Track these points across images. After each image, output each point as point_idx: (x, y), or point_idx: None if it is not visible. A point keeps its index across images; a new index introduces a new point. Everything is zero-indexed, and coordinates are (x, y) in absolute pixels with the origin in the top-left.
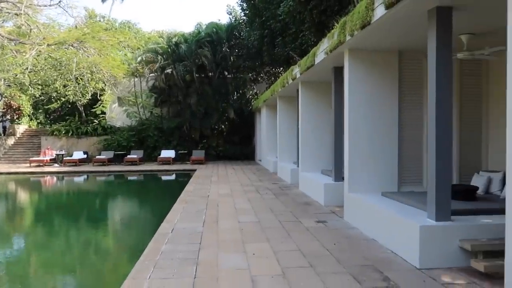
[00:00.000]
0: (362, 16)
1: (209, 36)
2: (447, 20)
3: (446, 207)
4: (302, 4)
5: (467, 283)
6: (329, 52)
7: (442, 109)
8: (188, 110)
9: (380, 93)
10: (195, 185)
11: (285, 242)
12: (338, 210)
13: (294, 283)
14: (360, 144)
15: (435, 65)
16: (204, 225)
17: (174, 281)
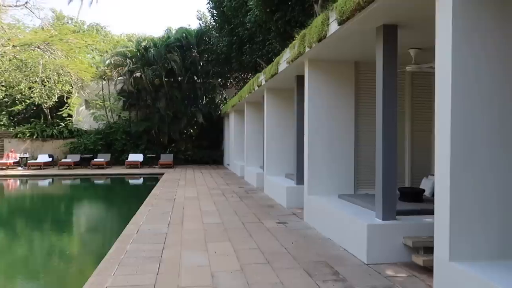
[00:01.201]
0: (319, 30)
1: (178, 41)
2: (392, 37)
3: (391, 208)
4: (267, 14)
5: (407, 276)
6: (291, 61)
7: (387, 118)
8: (156, 114)
9: (338, 101)
10: (162, 189)
11: (246, 241)
12: (299, 212)
13: (251, 277)
14: (318, 149)
15: (382, 77)
16: (169, 227)
17: (137, 277)
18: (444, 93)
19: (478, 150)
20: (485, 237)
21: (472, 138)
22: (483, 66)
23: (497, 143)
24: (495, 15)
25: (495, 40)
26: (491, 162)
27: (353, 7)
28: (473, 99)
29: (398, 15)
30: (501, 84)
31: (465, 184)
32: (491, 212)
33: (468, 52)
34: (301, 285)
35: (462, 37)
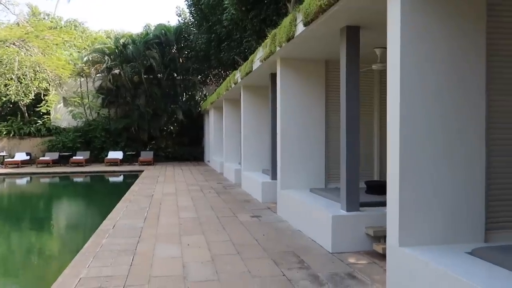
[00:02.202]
0: (287, 30)
1: (157, 37)
2: (355, 37)
3: (355, 200)
4: (243, 13)
5: (367, 263)
6: (264, 60)
7: (351, 115)
8: (136, 111)
9: (309, 98)
10: (141, 185)
11: (219, 234)
12: (273, 206)
13: (220, 267)
14: (291, 145)
15: (345, 76)
16: (145, 221)
17: (111, 268)
18: (393, 92)
19: (425, 145)
20: (430, 225)
21: (419, 134)
22: (429, 67)
23: (442, 138)
24: (441, 18)
25: (441, 42)
26: (437, 156)
27: (316, 10)
28: (421, 98)
29: (360, 17)
30: (447, 84)
31: (412, 177)
32: (436, 202)
33: (416, 52)
34: (267, 273)
35: (410, 39)
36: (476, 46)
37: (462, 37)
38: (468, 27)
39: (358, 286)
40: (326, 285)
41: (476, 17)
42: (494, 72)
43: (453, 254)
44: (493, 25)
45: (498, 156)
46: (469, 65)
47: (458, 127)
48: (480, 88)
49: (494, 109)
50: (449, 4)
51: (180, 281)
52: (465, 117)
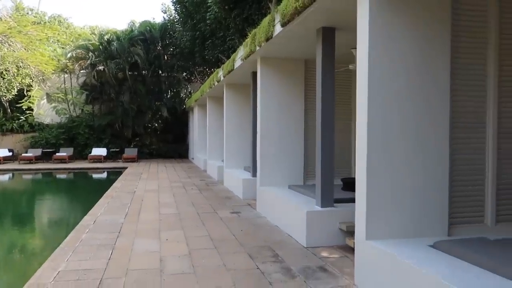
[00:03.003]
0: (266, 30)
1: (142, 34)
2: (331, 38)
3: (329, 196)
4: (226, 12)
5: (340, 257)
6: (244, 59)
7: (326, 114)
8: (120, 107)
9: (289, 96)
10: (124, 182)
11: (198, 230)
12: (254, 203)
13: (197, 260)
14: (270, 142)
15: (321, 75)
16: (126, 217)
17: (90, 262)
18: (362, 92)
19: (392, 143)
20: (396, 219)
21: (386, 132)
22: (397, 67)
23: (408, 137)
24: (408, 21)
25: (408, 43)
26: (403, 154)
27: (292, 11)
28: (388, 97)
29: (335, 19)
30: (414, 84)
31: (379, 173)
32: (402, 198)
33: (384, 53)
34: (242, 266)
35: (378, 40)
36: (441, 48)
37: (428, 39)
38: (434, 30)
39: (328, 278)
40: (298, 277)
41: (442, 21)
42: (457, 74)
43: (416, 247)
44: (457, 28)
45: (461, 154)
46: (435, 66)
47: (424, 126)
48: (444, 88)
49: (457, 109)
50: (416, 7)
51: (156, 274)
52: (431, 116)
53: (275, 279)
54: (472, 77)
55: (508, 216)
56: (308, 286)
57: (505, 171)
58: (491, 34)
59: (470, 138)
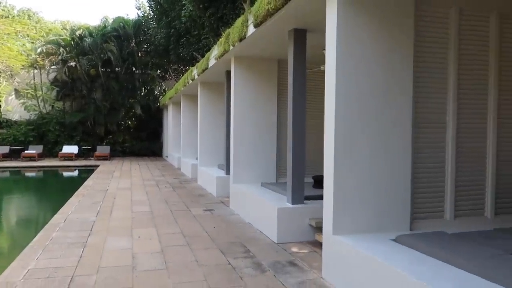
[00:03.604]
0: (239, 30)
1: (115, 30)
2: (302, 39)
3: (300, 193)
4: (200, 10)
5: (309, 252)
6: (218, 58)
7: (297, 113)
8: (92, 104)
9: (262, 95)
10: (96, 180)
11: (170, 227)
12: (227, 200)
13: (169, 257)
14: (243, 141)
15: (293, 76)
16: (98, 215)
17: (60, 260)
18: (329, 92)
19: (358, 141)
20: (362, 214)
21: (352, 131)
22: (363, 68)
23: (373, 135)
24: (374, 24)
25: (374, 46)
26: (368, 152)
27: (265, 13)
28: (355, 97)
29: (306, 21)
30: (379, 84)
31: (345, 170)
32: (367, 194)
33: (351, 55)
34: (214, 262)
35: (345, 42)
36: (405, 51)
37: (393, 43)
38: (398, 34)
39: (297, 272)
40: (268, 272)
41: (405, 26)
42: (420, 76)
43: (379, 241)
44: (420, 33)
45: (422, 152)
46: (399, 68)
47: (388, 125)
48: (407, 90)
49: (419, 109)
50: (381, 12)
51: (128, 270)
52: (394, 116)
53: (246, 273)
54: (434, 79)
55: (466, 211)
56: (277, 280)
57: (464, 169)
58: (452, 39)
59: (431, 137)
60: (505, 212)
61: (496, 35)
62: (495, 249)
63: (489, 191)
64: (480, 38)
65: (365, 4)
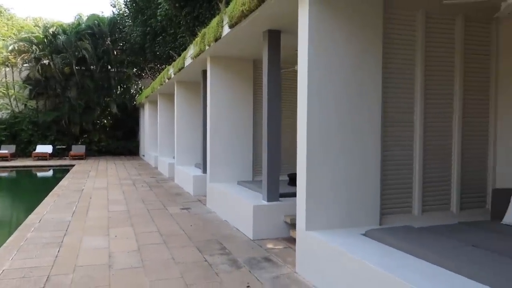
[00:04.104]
0: (215, 31)
1: (90, 28)
2: (276, 40)
3: (275, 191)
4: (176, 9)
5: (284, 248)
6: (194, 57)
7: (272, 112)
8: (67, 103)
9: (238, 95)
10: (71, 180)
11: (147, 226)
12: (204, 199)
13: (146, 255)
14: (220, 140)
15: (267, 76)
16: (73, 215)
17: (36, 260)
18: (302, 92)
19: (329, 139)
20: (334, 210)
21: (324, 130)
22: (334, 69)
23: (344, 134)
24: (345, 26)
25: (345, 47)
26: (340, 150)
27: (239, 14)
28: (326, 97)
29: (280, 22)
30: (349, 85)
31: (318, 168)
32: (339, 190)
33: (322, 56)
34: (190, 259)
35: (317, 43)
36: (374, 53)
37: (363, 44)
38: (368, 35)
39: (272, 268)
40: (243, 267)
41: (375, 27)
42: (389, 77)
43: (350, 236)
44: (388, 35)
45: (391, 150)
46: (368, 68)
47: (358, 124)
48: (377, 89)
49: (388, 109)
50: (352, 14)
51: (105, 269)
52: (364, 115)
53: (222, 269)
54: (402, 80)
55: (433, 206)
56: (252, 275)
57: (431, 166)
58: (419, 41)
59: (400, 136)
60: (470, 206)
61: (461, 37)
62: (458, 241)
63: (454, 187)
64: (446, 40)
65: (336, 6)
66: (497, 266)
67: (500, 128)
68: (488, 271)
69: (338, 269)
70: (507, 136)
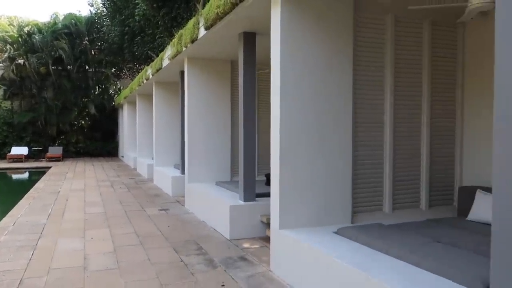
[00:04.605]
0: (191, 32)
1: (67, 27)
2: (251, 42)
3: (251, 191)
4: (154, 10)
5: (260, 247)
6: (172, 58)
7: (247, 114)
8: (43, 104)
9: (216, 96)
10: (47, 182)
11: (124, 227)
12: (183, 200)
13: (122, 256)
14: (198, 140)
15: (243, 77)
16: (49, 218)
17: (9, 264)
18: (274, 93)
19: (301, 140)
20: (306, 209)
21: (296, 130)
22: (306, 71)
23: (316, 134)
24: (316, 29)
25: (317, 49)
26: (311, 150)
27: (214, 16)
28: (298, 98)
29: (255, 25)
30: (321, 86)
31: (290, 168)
32: (311, 190)
33: (294, 58)
34: (166, 260)
35: (289, 46)
36: (344, 56)
37: (335, 46)
38: (339, 38)
39: (247, 267)
40: (219, 267)
41: (346, 30)
42: (359, 79)
43: (322, 234)
44: (358, 38)
45: (362, 150)
46: (339, 72)
47: (330, 125)
48: (348, 91)
49: (359, 110)
50: (323, 16)
51: (80, 271)
52: (336, 116)
53: (197, 269)
54: (372, 82)
55: (403, 204)
56: (228, 275)
57: (400, 166)
58: (388, 44)
59: (370, 136)
60: (438, 204)
61: (429, 41)
62: (425, 237)
63: (423, 186)
64: (415, 44)
65: (308, 9)
66: (457, 259)
67: (467, 129)
68: (448, 264)
69: (309, 266)
70: (473, 137)
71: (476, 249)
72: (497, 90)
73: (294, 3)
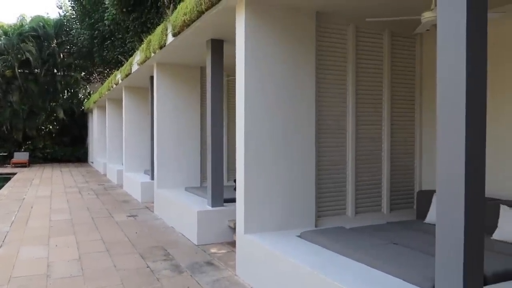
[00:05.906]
0: (159, 38)
1: (34, 30)
2: (219, 49)
3: (219, 196)
4: (124, 14)
5: (227, 252)
6: (141, 63)
7: (215, 119)
8: (8, 108)
9: (185, 101)
10: (12, 189)
11: (91, 234)
12: (152, 206)
13: (87, 263)
14: (167, 146)
15: (211, 83)
16: (12, 225)
17: None
18: (239, 100)
19: (266, 146)
20: (271, 214)
21: (261, 136)
22: (270, 78)
23: (280, 141)
24: (280, 37)
25: (280, 58)
26: (276, 156)
27: (181, 23)
28: (262, 106)
29: (222, 32)
30: (285, 93)
31: (255, 174)
32: (276, 195)
33: (258, 66)
34: (132, 266)
35: (253, 54)
36: (308, 62)
37: (298, 54)
38: (302, 46)
39: (213, 271)
40: (185, 272)
41: (309, 39)
42: (322, 87)
43: (285, 238)
44: (321, 47)
45: (324, 156)
46: (302, 80)
47: (294, 131)
48: (311, 97)
49: (322, 117)
50: (288, 25)
51: (43, 279)
52: (299, 122)
53: (163, 275)
54: (335, 89)
55: (365, 208)
56: (193, 279)
57: (363, 171)
58: (350, 54)
59: (333, 142)
60: (399, 207)
61: (389, 51)
62: (381, 240)
63: (385, 190)
64: (375, 53)
65: (272, 18)
66: (409, 259)
67: (425, 135)
68: (399, 264)
69: (271, 269)
70: (431, 142)
71: (427, 250)
72: (438, 100)
73: (258, 12)
